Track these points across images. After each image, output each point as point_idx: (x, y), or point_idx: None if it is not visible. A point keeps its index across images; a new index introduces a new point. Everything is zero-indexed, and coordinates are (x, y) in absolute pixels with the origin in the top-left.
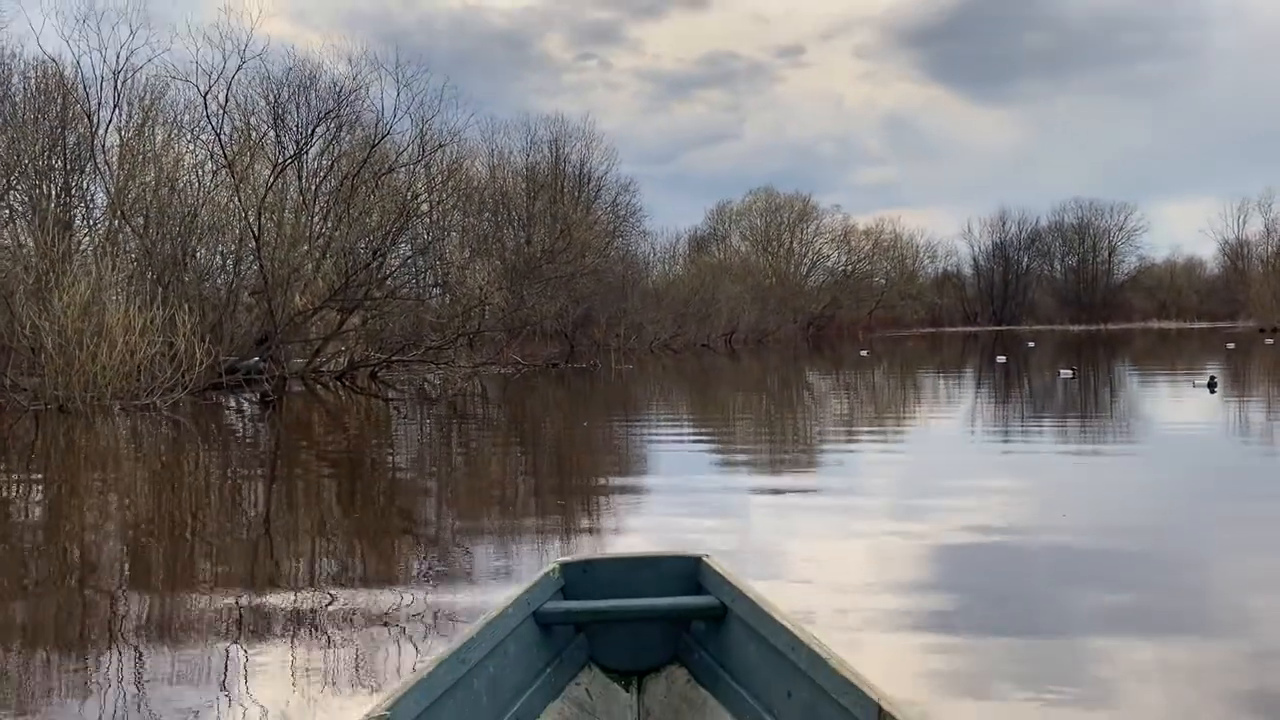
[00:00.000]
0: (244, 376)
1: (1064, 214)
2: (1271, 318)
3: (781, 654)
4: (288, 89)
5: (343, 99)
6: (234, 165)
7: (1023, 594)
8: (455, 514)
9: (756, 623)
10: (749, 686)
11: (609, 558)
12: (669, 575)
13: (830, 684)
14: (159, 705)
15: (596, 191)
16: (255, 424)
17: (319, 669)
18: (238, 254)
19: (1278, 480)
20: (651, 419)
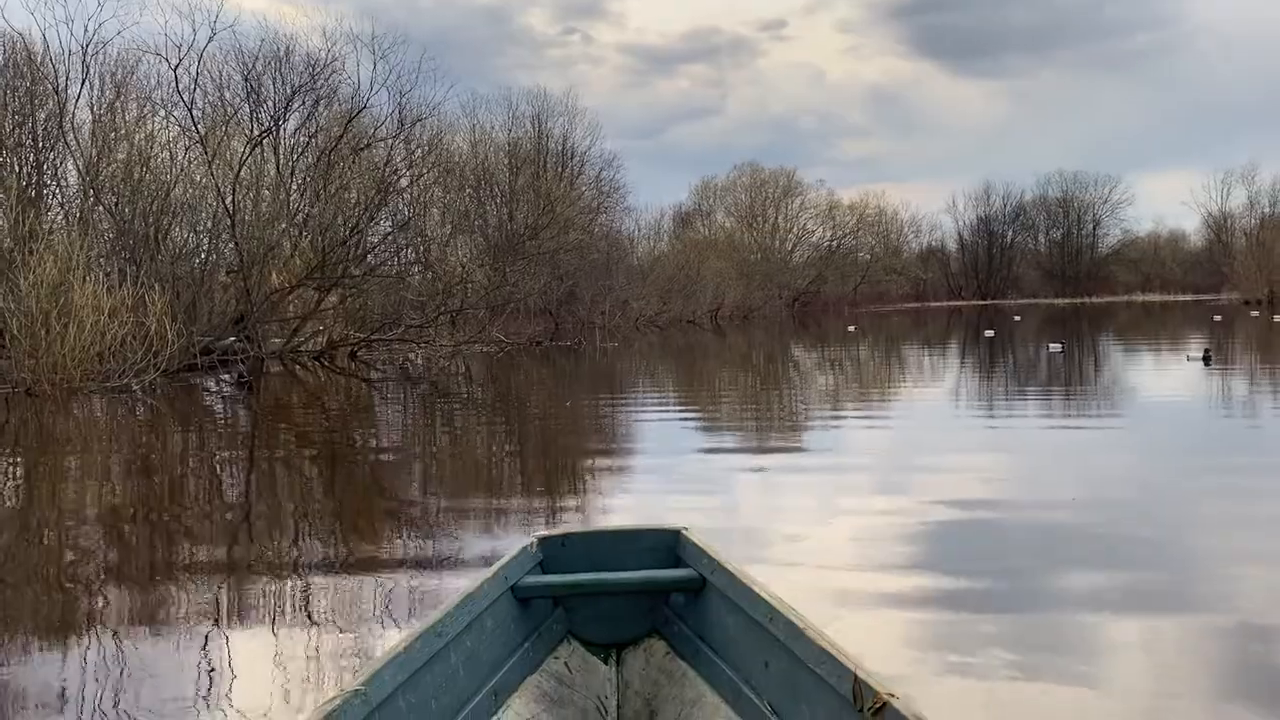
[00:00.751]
0: (220, 357)
1: (1048, 187)
2: (1256, 290)
3: (759, 625)
4: (260, 62)
5: (318, 72)
6: (207, 141)
7: (1024, 569)
8: (438, 494)
9: (735, 595)
10: (727, 658)
11: (587, 531)
12: (647, 548)
13: (807, 654)
14: (136, 691)
15: (580, 167)
16: (232, 405)
17: (299, 651)
18: (211, 232)
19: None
20: (637, 396)
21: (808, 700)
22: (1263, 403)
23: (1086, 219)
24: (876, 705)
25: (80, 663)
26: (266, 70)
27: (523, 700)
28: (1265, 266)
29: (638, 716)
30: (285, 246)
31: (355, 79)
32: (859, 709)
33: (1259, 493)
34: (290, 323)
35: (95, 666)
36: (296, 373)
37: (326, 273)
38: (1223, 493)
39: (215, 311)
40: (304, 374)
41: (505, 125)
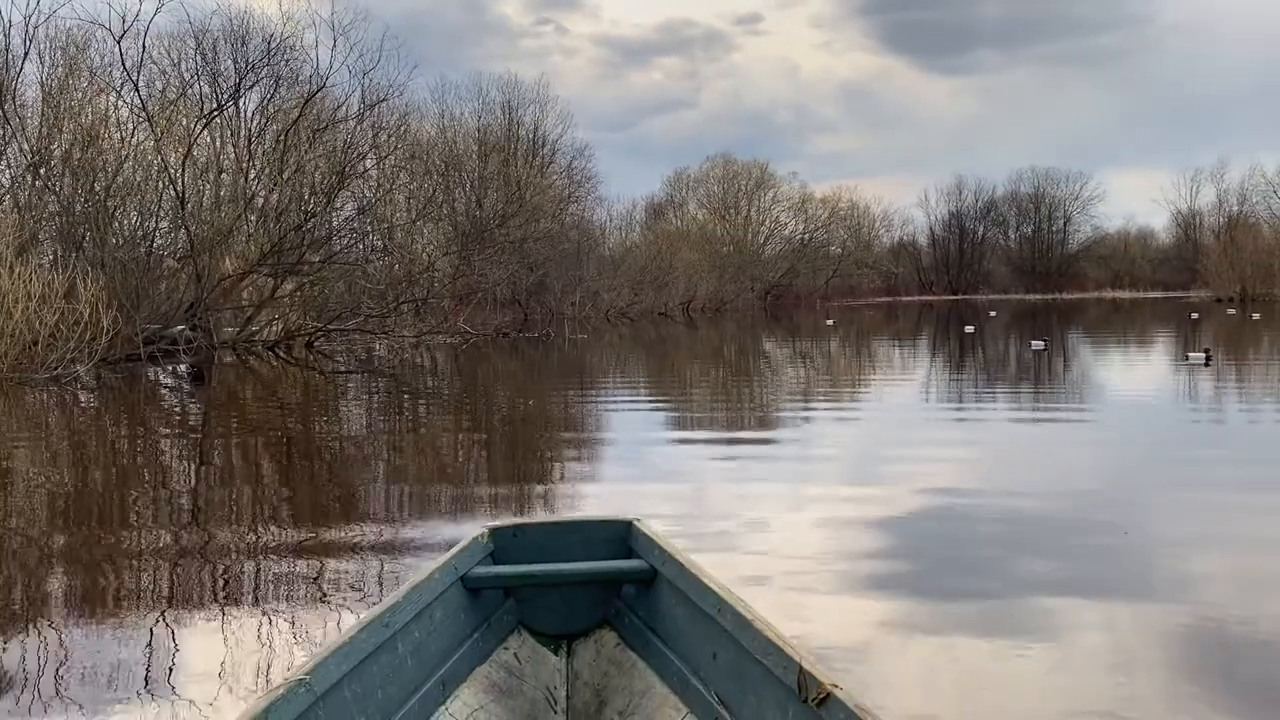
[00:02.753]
0: (168, 346)
1: (1020, 183)
2: (1228, 288)
3: (708, 616)
4: (211, 37)
5: (274, 48)
6: (155, 119)
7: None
8: (392, 488)
9: (685, 586)
10: (676, 649)
11: (539, 522)
12: (599, 539)
13: (754, 645)
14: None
15: (551, 155)
16: (176, 397)
17: (246, 641)
18: (155, 214)
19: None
20: (606, 388)
21: (754, 690)
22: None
23: (1057, 215)
24: (820, 696)
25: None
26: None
27: (471, 691)
28: (1237, 264)
29: (587, 707)
30: (243, 231)
31: (315, 58)
32: (804, 699)
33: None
34: (244, 311)
35: (20, 679)
36: (250, 363)
37: (282, 259)
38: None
39: (164, 299)
40: (258, 365)
41: (475, 112)
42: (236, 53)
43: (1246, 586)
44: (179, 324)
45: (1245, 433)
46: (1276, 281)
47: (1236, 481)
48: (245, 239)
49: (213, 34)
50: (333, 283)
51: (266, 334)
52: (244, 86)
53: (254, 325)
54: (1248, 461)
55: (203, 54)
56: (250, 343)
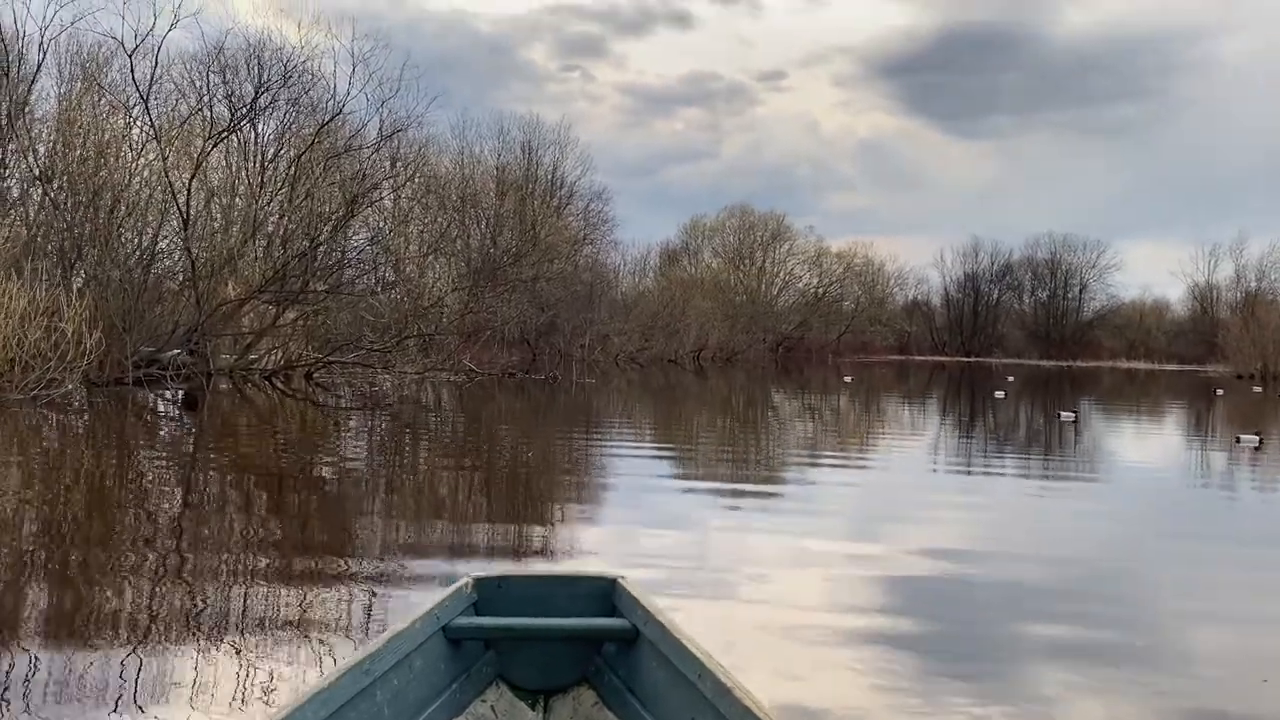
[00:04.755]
0: (161, 370)
1: (1036, 248)
2: (1248, 364)
3: (689, 681)
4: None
5: (290, 71)
6: (163, 137)
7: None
8: (383, 532)
9: (666, 648)
10: (655, 711)
11: (524, 575)
12: (583, 595)
13: (733, 713)
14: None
15: (568, 197)
16: (165, 424)
17: (224, 684)
18: (154, 235)
19: None
20: (612, 435)
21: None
22: None
23: (1073, 282)
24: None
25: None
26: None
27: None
28: (1259, 341)
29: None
30: (249, 255)
31: (332, 85)
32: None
33: None
34: (244, 338)
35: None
36: (246, 392)
37: (285, 286)
38: None
39: (162, 321)
40: (254, 394)
41: (495, 150)
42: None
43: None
44: (175, 348)
45: None
46: None
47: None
48: (252, 264)
49: (228, 54)
50: (336, 313)
51: (265, 363)
52: (257, 108)
53: (253, 353)
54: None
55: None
56: (248, 371)
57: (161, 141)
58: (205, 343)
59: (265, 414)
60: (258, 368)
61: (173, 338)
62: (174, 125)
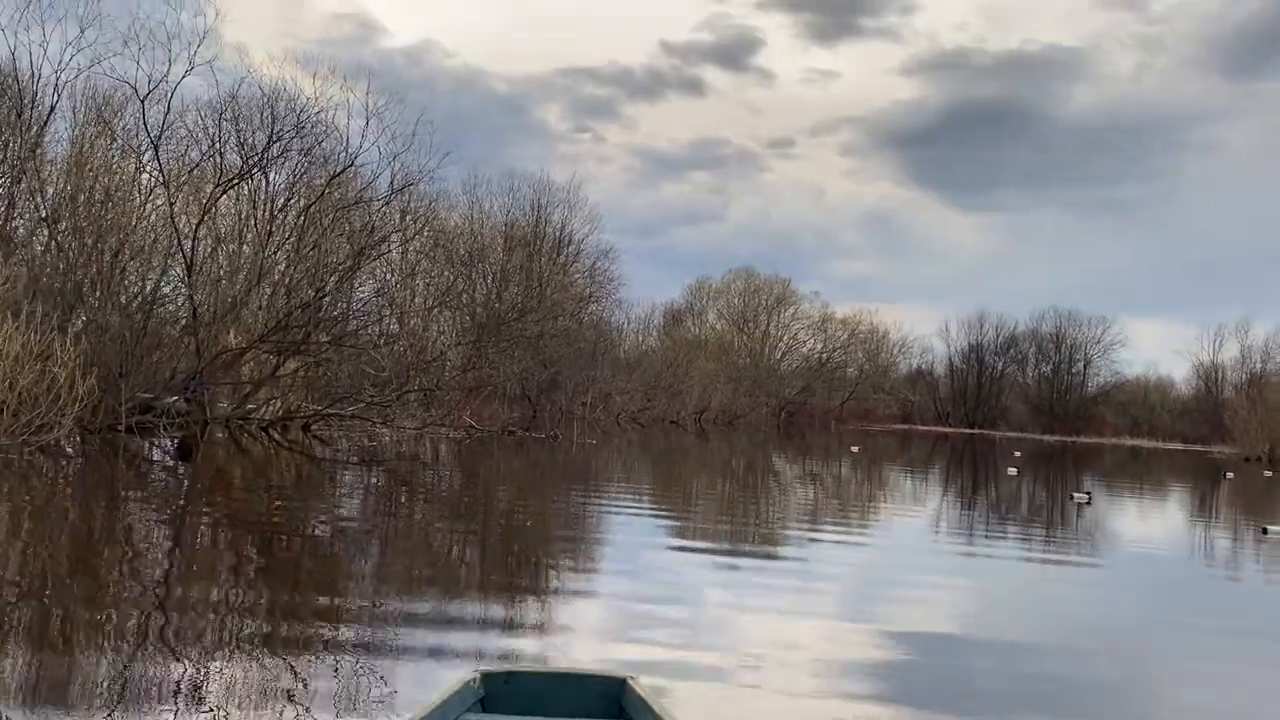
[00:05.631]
0: (156, 418)
1: (1041, 321)
2: (1255, 446)
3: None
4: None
5: (303, 119)
6: (170, 183)
7: None
8: (375, 599)
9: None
10: None
11: (533, 671)
12: (592, 695)
13: None
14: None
15: (575, 254)
16: (159, 474)
17: None
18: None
19: None
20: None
21: None
22: None
23: (1078, 357)
24: None
25: None
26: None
27: None
28: (1267, 423)
29: None
30: (253, 303)
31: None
32: None
33: None
34: (243, 387)
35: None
36: (242, 442)
37: (287, 336)
38: None
39: (160, 368)
40: (250, 444)
41: (504, 206)
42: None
43: None
44: (173, 395)
45: None
46: None
47: None
48: (255, 312)
49: (241, 102)
50: (338, 365)
51: (264, 413)
52: (268, 157)
53: (251, 403)
54: None
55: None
56: (245, 420)
57: (170, 187)
58: (203, 391)
59: (260, 466)
60: (255, 418)
61: (171, 385)
62: (184, 171)
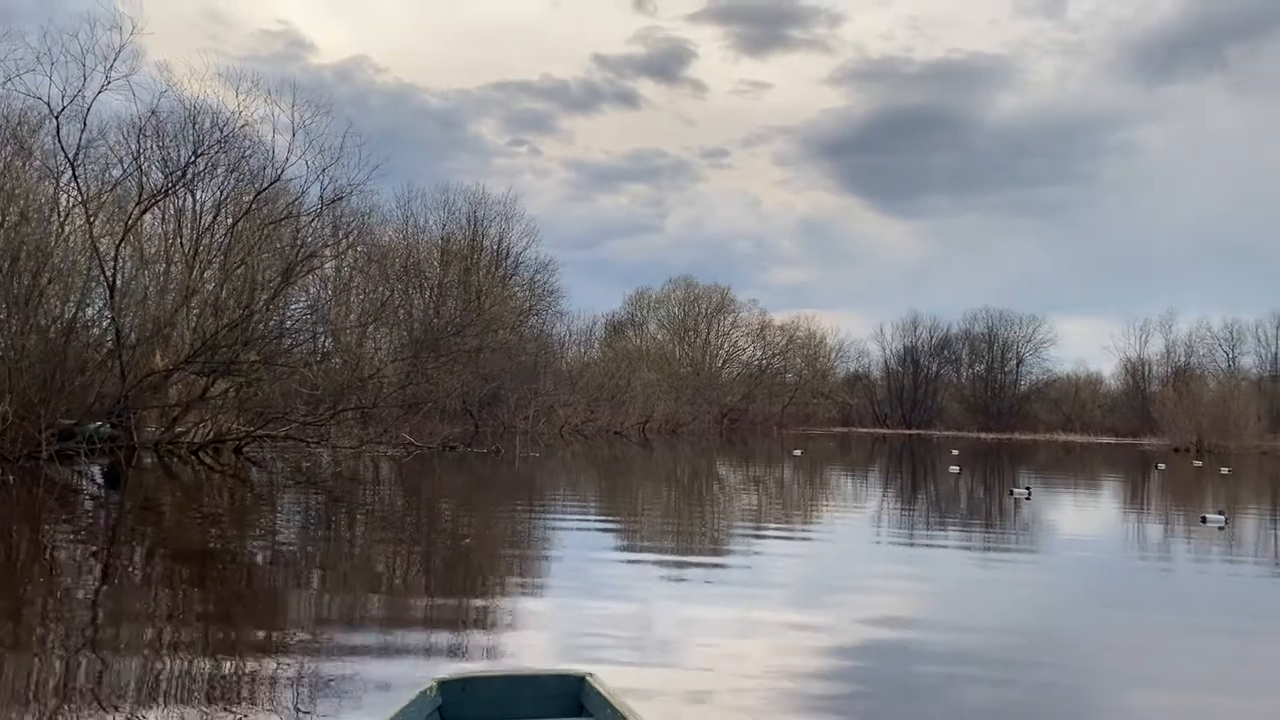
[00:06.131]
0: (79, 444)
1: (974, 322)
2: (1184, 438)
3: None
4: (157, 120)
5: (226, 134)
6: (90, 202)
7: None
8: (319, 626)
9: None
10: None
11: (490, 675)
12: (551, 694)
13: None
14: None
15: (514, 268)
16: (84, 502)
17: None
18: (79, 303)
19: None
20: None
21: None
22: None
23: (1010, 356)
24: None
25: None
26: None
27: None
28: (1194, 415)
29: None
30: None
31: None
32: None
33: None
34: (171, 410)
35: None
36: (172, 467)
37: (215, 356)
38: None
39: (84, 392)
40: (181, 469)
41: (440, 220)
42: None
43: None
44: (98, 420)
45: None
46: (1230, 433)
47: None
48: (184, 333)
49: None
50: (269, 385)
51: (193, 436)
52: (191, 173)
53: (180, 426)
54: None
55: (156, 138)
56: (175, 444)
57: (89, 206)
58: (129, 415)
59: (192, 491)
60: (185, 441)
61: (95, 410)
62: (105, 190)
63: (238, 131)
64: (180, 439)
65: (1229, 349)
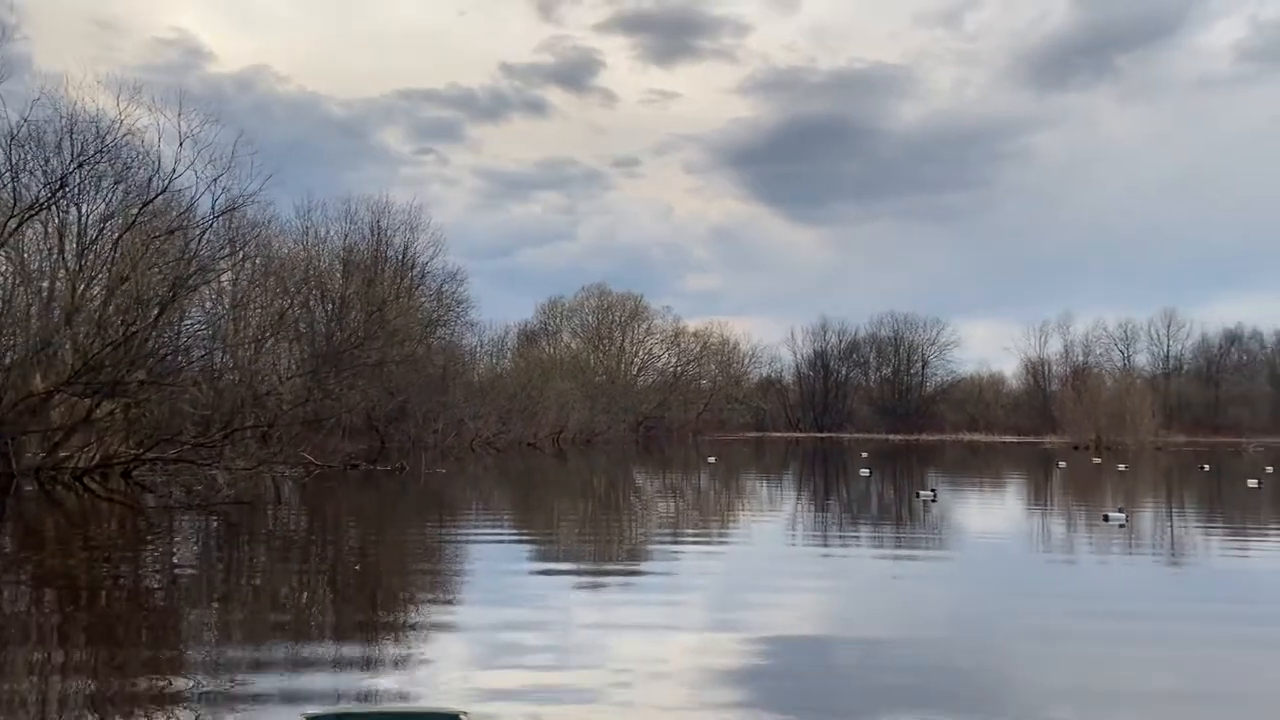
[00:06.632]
0: None
1: (880, 326)
2: (1083, 435)
3: None
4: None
5: (108, 143)
6: None
7: None
8: (222, 657)
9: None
10: None
11: (362, 712)
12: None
13: None
14: None
15: (420, 278)
16: None
17: None
18: None
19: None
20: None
21: None
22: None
23: (915, 359)
24: None
25: None
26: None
27: None
28: (1092, 413)
29: None
30: (58, 343)
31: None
32: None
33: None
34: (53, 434)
35: None
36: (55, 494)
37: (99, 377)
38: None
39: None
40: (64, 496)
41: (342, 231)
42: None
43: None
44: None
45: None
46: (1126, 430)
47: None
48: (70, 353)
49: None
50: (157, 405)
51: (78, 461)
52: (71, 182)
53: (64, 450)
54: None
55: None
56: (58, 470)
57: None
58: (7, 440)
59: (77, 519)
60: (69, 466)
61: None
62: None
63: (120, 140)
64: (64, 464)
65: (1124, 348)
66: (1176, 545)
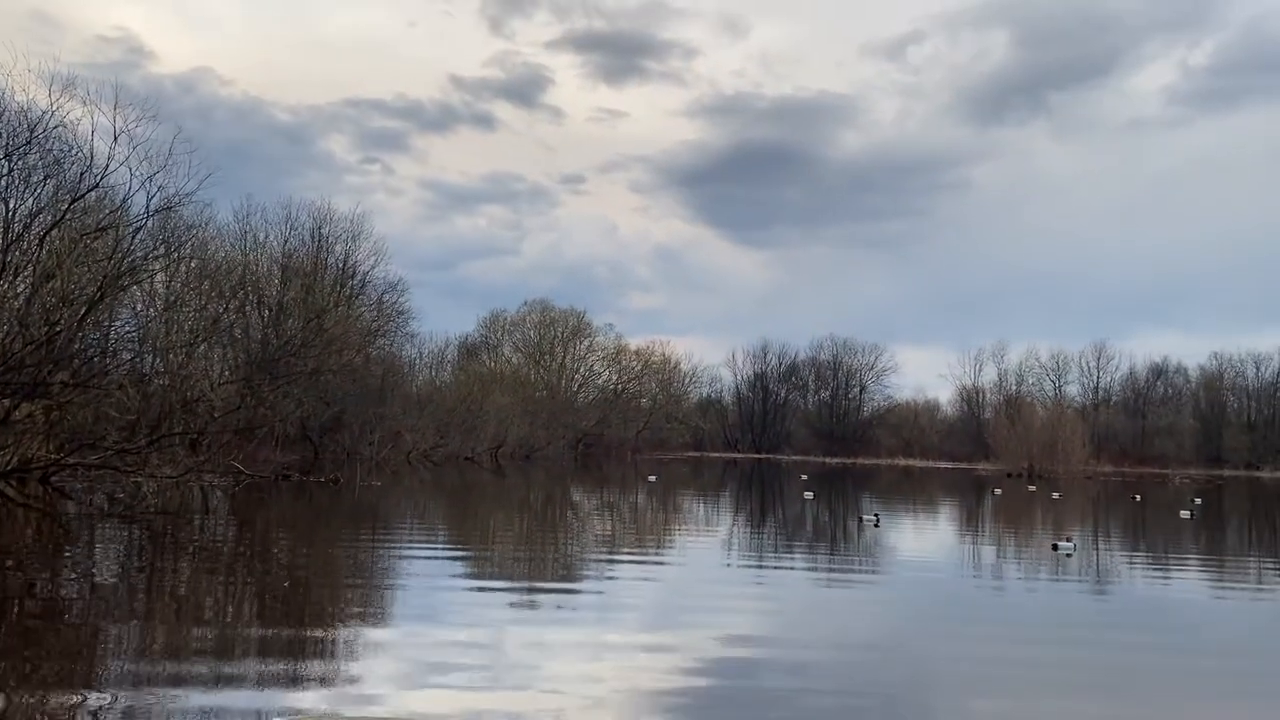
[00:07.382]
0: None
1: (820, 350)
2: (1016, 463)
3: None
4: None
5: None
6: None
7: None
8: (142, 672)
9: None
10: None
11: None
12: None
13: None
14: None
15: (361, 287)
16: None
17: None
18: None
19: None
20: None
21: None
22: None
23: (853, 383)
24: None
25: None
26: None
27: None
28: (1025, 441)
29: None
30: None
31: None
32: None
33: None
34: None
35: None
36: None
37: (21, 376)
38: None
39: None
40: None
41: (282, 236)
42: None
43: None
44: None
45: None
46: (1058, 458)
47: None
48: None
49: None
50: (81, 408)
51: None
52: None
53: None
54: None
55: None
56: None
57: None
58: None
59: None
60: None
61: None
62: None
63: (51, 133)
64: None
65: (1055, 378)
66: (1123, 575)
